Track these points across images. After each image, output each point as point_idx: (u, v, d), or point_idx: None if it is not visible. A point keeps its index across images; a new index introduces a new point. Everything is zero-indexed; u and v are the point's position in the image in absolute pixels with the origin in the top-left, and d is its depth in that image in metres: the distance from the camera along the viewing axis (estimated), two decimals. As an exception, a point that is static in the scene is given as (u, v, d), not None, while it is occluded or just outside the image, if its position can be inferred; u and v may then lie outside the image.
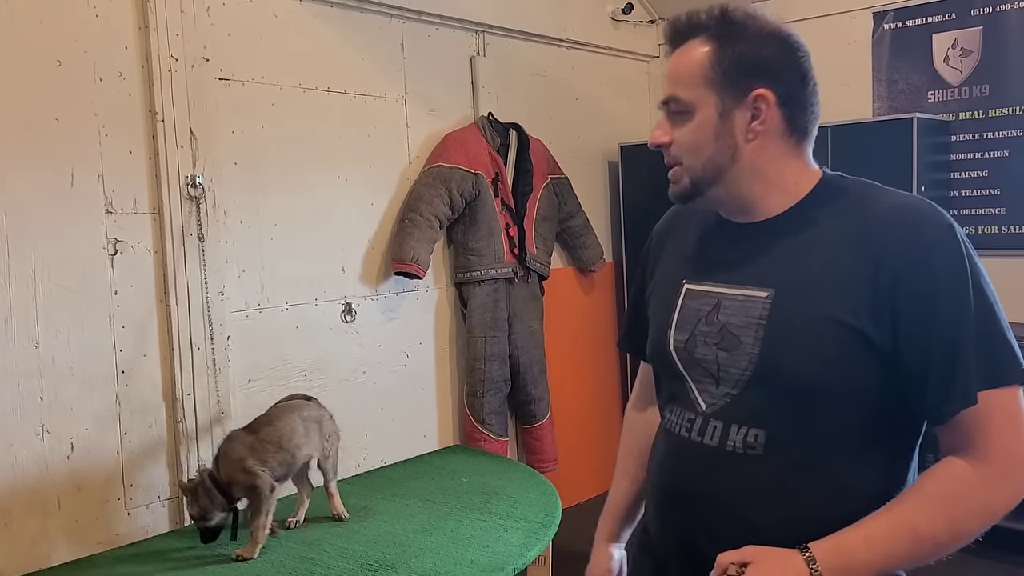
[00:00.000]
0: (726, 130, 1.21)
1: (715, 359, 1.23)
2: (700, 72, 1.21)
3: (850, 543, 1.10)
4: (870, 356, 1.13)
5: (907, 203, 1.18)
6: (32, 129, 2.45)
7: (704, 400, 1.25)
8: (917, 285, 1.11)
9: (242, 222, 2.94)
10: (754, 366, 1.19)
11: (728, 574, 1.10)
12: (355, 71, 3.31)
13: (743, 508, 1.19)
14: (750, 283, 1.23)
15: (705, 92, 1.21)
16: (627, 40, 4.59)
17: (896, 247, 1.13)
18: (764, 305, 1.20)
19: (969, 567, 3.18)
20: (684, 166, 1.25)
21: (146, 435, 2.70)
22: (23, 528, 2.43)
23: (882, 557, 1.10)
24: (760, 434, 1.18)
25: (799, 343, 1.16)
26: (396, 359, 3.48)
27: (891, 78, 4.07)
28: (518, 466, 3.28)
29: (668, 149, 1.26)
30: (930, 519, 1.10)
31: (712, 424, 1.23)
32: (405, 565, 2.26)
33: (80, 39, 2.54)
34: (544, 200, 3.90)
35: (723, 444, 1.21)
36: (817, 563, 1.08)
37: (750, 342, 1.19)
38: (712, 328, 1.24)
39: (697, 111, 1.22)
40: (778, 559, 1.10)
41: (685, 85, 1.23)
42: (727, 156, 1.22)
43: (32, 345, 2.45)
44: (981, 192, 3.89)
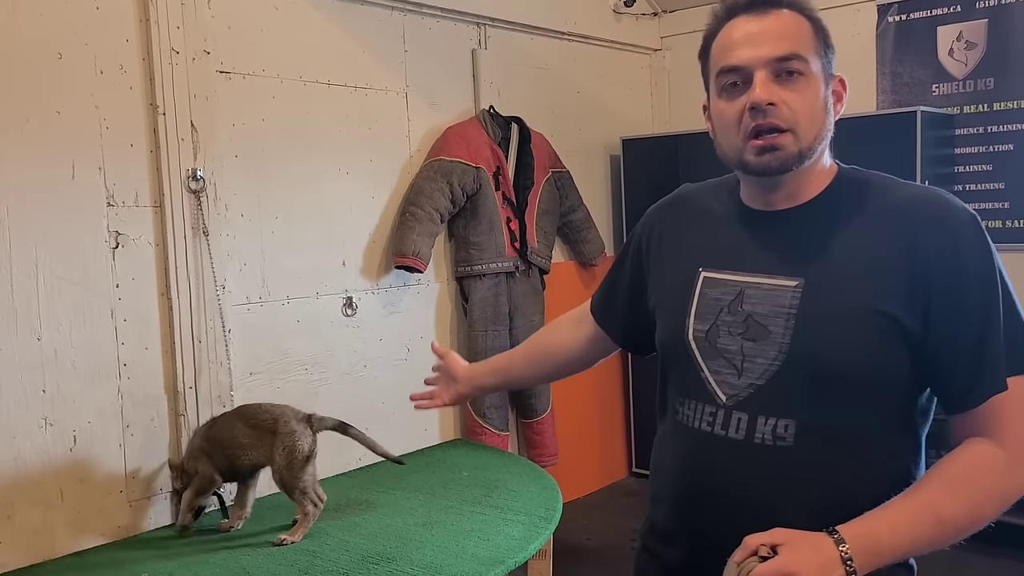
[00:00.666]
0: (828, 105, 1.22)
1: (739, 349, 1.22)
2: (811, 40, 1.20)
3: (877, 527, 1.10)
4: (902, 343, 1.14)
5: (928, 193, 1.20)
6: (33, 122, 2.45)
7: (724, 392, 1.23)
8: (948, 270, 1.13)
9: (243, 215, 2.94)
10: (785, 355, 1.18)
11: (759, 555, 1.09)
12: (356, 64, 3.31)
13: (773, 500, 1.18)
14: (777, 272, 1.22)
15: (817, 62, 1.20)
16: (629, 33, 4.58)
17: (927, 234, 1.14)
18: (794, 294, 1.19)
19: (967, 562, 3.19)
20: (796, 133, 1.18)
21: (148, 428, 2.70)
22: (26, 520, 2.43)
23: (907, 540, 1.11)
24: (791, 424, 1.18)
25: (833, 332, 1.16)
26: (397, 353, 3.48)
27: (895, 71, 4.05)
28: (519, 460, 3.28)
29: (778, 110, 1.17)
30: (954, 503, 1.11)
31: (736, 416, 1.22)
32: (406, 558, 2.26)
33: (81, 32, 2.53)
34: (545, 194, 3.90)
35: (750, 437, 1.20)
36: (847, 545, 1.08)
37: (780, 331, 1.19)
38: (736, 318, 1.23)
39: (814, 77, 1.19)
40: (809, 542, 1.10)
41: (807, 47, 1.19)
42: (826, 132, 1.22)
43: (34, 338, 2.45)
44: (985, 186, 3.88)
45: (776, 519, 1.14)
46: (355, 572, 2.19)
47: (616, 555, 3.64)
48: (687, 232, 1.38)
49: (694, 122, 4.39)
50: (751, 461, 1.20)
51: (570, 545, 3.67)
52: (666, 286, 1.37)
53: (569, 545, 3.66)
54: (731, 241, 1.30)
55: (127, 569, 2.31)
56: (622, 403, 4.64)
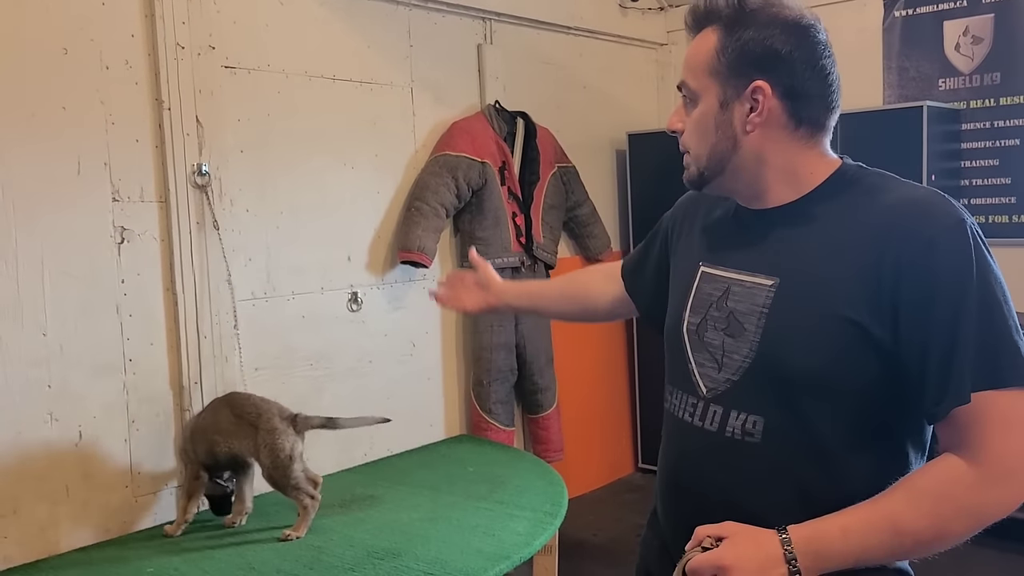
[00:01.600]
0: (726, 121, 1.22)
1: (720, 344, 1.24)
2: (706, 62, 1.22)
3: (828, 530, 1.09)
4: (870, 351, 1.12)
5: (917, 196, 1.16)
6: (39, 117, 2.45)
7: (705, 384, 1.26)
8: (918, 280, 1.09)
9: (248, 210, 2.94)
10: (754, 354, 1.19)
11: (703, 546, 1.11)
12: (361, 59, 3.30)
13: (740, 495, 1.20)
14: (758, 270, 1.23)
15: (709, 82, 1.22)
16: (635, 27, 4.57)
17: (900, 241, 1.11)
18: (768, 293, 1.20)
19: (973, 557, 3.17)
20: (691, 154, 1.27)
21: (153, 423, 2.70)
22: (32, 515, 2.44)
23: (859, 548, 1.09)
24: (759, 421, 1.19)
25: (798, 334, 1.16)
26: (403, 348, 3.48)
27: (901, 66, 4.04)
28: (524, 455, 3.28)
29: (680, 135, 1.28)
30: (915, 515, 1.08)
31: (712, 409, 1.24)
32: (411, 553, 2.26)
33: (86, 27, 2.53)
34: (551, 189, 3.89)
35: (722, 429, 1.22)
36: (792, 545, 1.08)
37: (752, 329, 1.20)
38: (721, 313, 1.25)
39: (701, 100, 1.24)
40: (753, 537, 1.10)
41: (693, 73, 1.24)
42: (727, 146, 1.23)
43: (40, 333, 2.45)
44: (992, 181, 3.86)
45: (741, 513, 1.14)
46: (360, 567, 2.19)
47: (622, 551, 3.64)
48: (699, 226, 1.40)
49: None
50: (721, 453, 1.22)
51: (576, 541, 3.67)
52: (676, 278, 1.41)
53: (575, 541, 3.65)
54: (726, 237, 1.32)
55: (133, 565, 2.31)
56: (628, 399, 4.64)
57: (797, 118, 1.21)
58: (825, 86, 1.22)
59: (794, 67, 1.19)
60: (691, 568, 1.10)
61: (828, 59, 1.22)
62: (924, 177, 3.52)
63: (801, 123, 1.21)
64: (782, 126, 1.21)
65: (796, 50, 1.19)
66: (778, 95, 1.19)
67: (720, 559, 1.08)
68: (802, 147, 1.23)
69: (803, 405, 1.16)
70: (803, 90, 1.20)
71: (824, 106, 1.23)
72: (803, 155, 1.23)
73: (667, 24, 4.73)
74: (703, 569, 1.09)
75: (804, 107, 1.21)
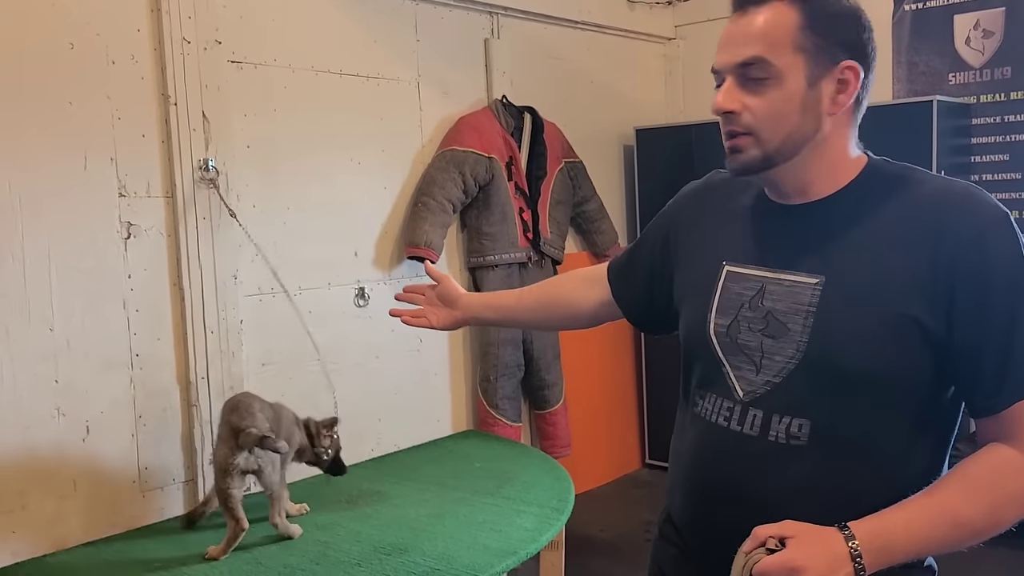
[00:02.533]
0: (813, 100, 1.16)
1: (759, 346, 1.20)
2: (788, 36, 1.15)
3: (891, 525, 1.08)
4: (924, 344, 1.12)
5: (956, 188, 1.16)
6: (45, 112, 2.45)
7: (742, 388, 1.22)
8: (973, 270, 1.09)
9: (255, 206, 2.94)
10: (802, 354, 1.16)
11: (767, 547, 1.08)
12: (368, 54, 3.29)
13: (785, 500, 1.16)
14: (798, 268, 1.20)
15: (795, 59, 1.15)
16: (643, 22, 4.55)
17: (953, 232, 1.10)
18: (814, 292, 1.17)
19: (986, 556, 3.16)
20: (758, 137, 1.17)
21: (160, 418, 2.71)
22: (39, 510, 2.44)
23: (922, 541, 1.09)
24: (805, 424, 1.16)
25: (851, 332, 1.13)
26: (409, 344, 3.47)
27: (911, 60, 4.01)
28: (531, 451, 3.28)
29: (738, 117, 1.18)
30: (972, 505, 1.09)
31: (752, 413, 1.20)
32: (418, 549, 2.26)
33: (92, 22, 2.53)
34: (558, 184, 3.88)
35: (764, 434, 1.19)
36: (856, 542, 1.07)
37: (798, 329, 1.17)
38: (756, 313, 1.22)
39: (786, 78, 1.15)
40: (819, 536, 1.08)
41: (774, 49, 1.15)
42: (811, 128, 1.17)
43: (47, 328, 2.45)
44: (1002, 176, 3.84)
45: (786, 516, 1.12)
46: (367, 562, 2.19)
47: (629, 547, 3.64)
48: (714, 223, 1.35)
49: (708, 112, 4.33)
50: (764, 458, 1.19)
51: (583, 536, 3.66)
52: (691, 278, 1.36)
53: (582, 536, 3.65)
54: (755, 235, 1.27)
55: (139, 559, 2.31)
56: (636, 394, 4.63)
57: (859, 105, 1.20)
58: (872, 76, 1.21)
59: (869, 51, 1.18)
60: (761, 570, 1.07)
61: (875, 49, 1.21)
62: (934, 172, 3.49)
63: (858, 110, 1.21)
64: (851, 112, 1.20)
65: (866, 35, 1.18)
66: (861, 78, 1.17)
67: (792, 560, 1.05)
68: (850, 136, 1.22)
69: (852, 404, 1.14)
70: (870, 76, 1.19)
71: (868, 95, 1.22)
72: (848, 144, 1.22)
73: (675, 18, 4.71)
74: (775, 571, 1.06)
75: (865, 95, 1.20)
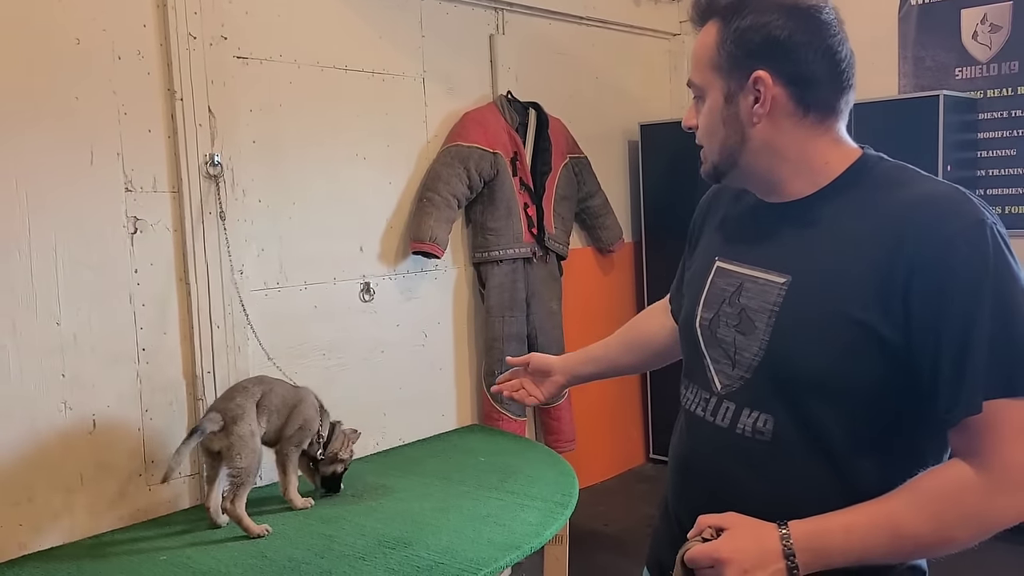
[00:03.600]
0: (732, 114, 1.20)
1: (733, 341, 1.23)
2: (708, 56, 1.21)
3: (829, 528, 1.08)
4: (879, 353, 1.09)
5: (937, 193, 1.12)
6: (52, 108, 2.45)
7: (720, 380, 1.25)
8: (931, 281, 1.06)
9: (260, 201, 2.94)
10: (763, 352, 1.18)
11: (703, 536, 1.11)
12: (373, 49, 3.30)
13: (749, 492, 1.19)
14: (770, 267, 1.21)
15: (712, 76, 1.21)
16: (648, 18, 4.55)
17: (915, 239, 1.07)
18: (780, 291, 1.18)
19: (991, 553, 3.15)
20: (705, 150, 1.27)
21: (167, 412, 2.72)
22: (46, 503, 2.46)
23: (859, 548, 1.08)
24: (769, 420, 1.18)
25: (807, 334, 1.14)
26: (414, 338, 3.48)
27: (917, 55, 4.00)
28: (536, 446, 3.28)
29: (695, 132, 1.28)
30: (917, 518, 1.07)
31: (725, 405, 1.23)
32: (422, 542, 2.27)
33: (98, 17, 2.54)
34: (563, 180, 3.88)
35: (733, 426, 1.21)
36: (792, 541, 1.07)
37: (763, 328, 1.18)
38: (733, 309, 1.24)
39: (707, 95, 1.23)
40: (752, 530, 1.10)
41: (698, 69, 1.24)
42: (736, 140, 1.21)
43: (54, 322, 2.47)
44: (1009, 171, 3.83)
45: (750, 510, 1.13)
46: (371, 556, 2.20)
47: (633, 541, 3.64)
48: (718, 218, 1.39)
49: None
50: (732, 450, 1.21)
51: (587, 531, 3.67)
52: (693, 271, 1.39)
53: (586, 531, 3.66)
54: (742, 232, 1.31)
55: (146, 552, 2.33)
56: (640, 389, 4.63)
57: (804, 105, 1.18)
58: (833, 66, 1.18)
59: (796, 52, 1.16)
60: (689, 558, 1.10)
61: (834, 38, 1.17)
62: (940, 168, 3.49)
63: (809, 109, 1.18)
64: (789, 114, 1.18)
65: (796, 34, 1.15)
66: (781, 83, 1.16)
67: (717, 551, 1.08)
68: (813, 134, 1.20)
69: (810, 406, 1.14)
70: (809, 74, 1.16)
71: (835, 88, 1.19)
72: (815, 143, 1.20)
73: (680, 14, 4.70)
74: (700, 559, 1.09)
75: (811, 92, 1.18)
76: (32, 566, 2.28)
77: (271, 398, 2.52)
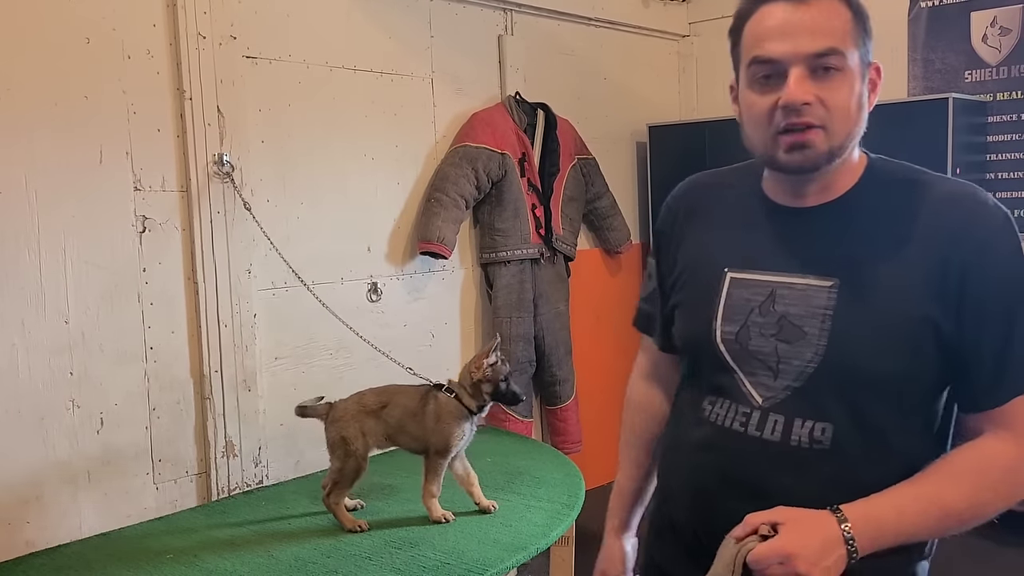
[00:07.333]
0: (863, 98, 1.17)
1: (774, 351, 1.19)
2: (850, 30, 1.14)
3: (882, 510, 1.10)
4: (936, 345, 1.13)
5: (966, 190, 1.17)
6: (62, 106, 2.46)
7: (759, 393, 1.20)
8: (982, 271, 1.11)
9: (269, 200, 2.95)
10: (820, 358, 1.15)
11: (760, 534, 1.08)
12: (382, 50, 3.30)
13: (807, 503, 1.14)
14: (810, 271, 1.18)
15: (854, 54, 1.14)
16: (657, 19, 4.54)
17: (964, 235, 1.12)
18: (830, 295, 1.16)
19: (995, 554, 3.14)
20: (829, 131, 1.13)
21: (174, 411, 2.73)
22: (54, 500, 2.47)
23: (910, 527, 1.11)
24: (828, 428, 1.15)
25: (870, 334, 1.14)
26: (422, 339, 3.48)
27: (927, 57, 3.99)
28: (542, 447, 3.28)
29: (811, 108, 1.12)
30: (958, 494, 1.11)
31: (772, 418, 1.18)
32: (428, 543, 2.27)
33: (108, 17, 2.55)
34: (571, 181, 3.88)
35: (786, 439, 1.17)
36: (849, 524, 1.08)
37: (815, 333, 1.16)
38: (768, 319, 1.20)
39: (851, 71, 1.14)
40: (811, 520, 1.09)
41: (844, 40, 1.13)
42: (860, 127, 1.18)
43: (62, 321, 2.48)
44: (1018, 175, 3.81)
45: None
46: (377, 556, 2.20)
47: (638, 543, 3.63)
48: (708, 227, 1.32)
49: (721, 109, 4.35)
50: (786, 463, 1.17)
51: (593, 532, 3.63)
52: (690, 285, 1.32)
53: (592, 532, 3.62)
54: (759, 239, 1.25)
55: (153, 551, 2.33)
56: (646, 391, 4.62)
57: None
58: None
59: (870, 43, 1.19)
60: (755, 558, 1.06)
61: None
62: (949, 170, 3.47)
63: None
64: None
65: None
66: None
67: (784, 547, 1.06)
68: None
69: (871, 405, 1.15)
70: None
71: None
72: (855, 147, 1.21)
73: (689, 15, 4.69)
74: (768, 557, 1.06)
75: None
76: (39, 563, 2.28)
77: (392, 411, 2.41)
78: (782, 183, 1.24)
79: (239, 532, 2.40)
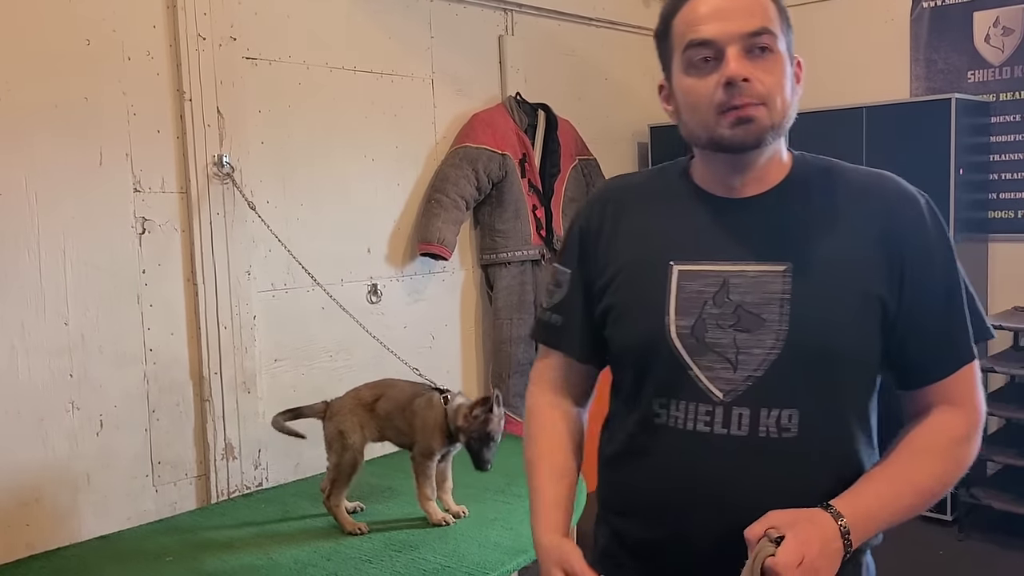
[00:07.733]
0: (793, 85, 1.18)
1: (732, 342, 1.16)
2: (776, 18, 1.17)
3: (866, 500, 1.13)
4: (882, 323, 1.17)
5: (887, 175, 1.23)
6: (62, 108, 2.46)
7: (718, 388, 1.17)
8: (919, 249, 1.17)
9: (268, 202, 2.94)
10: (783, 343, 1.15)
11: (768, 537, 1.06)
12: (382, 50, 3.30)
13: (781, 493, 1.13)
14: (762, 258, 1.18)
15: (781, 39, 1.17)
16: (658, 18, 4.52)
17: (898, 214, 1.18)
18: (784, 279, 1.16)
19: (1000, 558, 3.13)
20: (770, 107, 1.15)
21: (173, 413, 2.72)
22: (53, 503, 2.46)
23: (889, 513, 1.13)
24: (794, 414, 1.15)
25: (831, 315, 1.15)
26: (422, 341, 3.47)
27: (929, 57, 3.98)
28: (543, 448, 3.26)
29: (751, 86, 1.13)
30: (925, 471, 1.16)
31: (737, 412, 1.16)
32: (429, 546, 2.26)
33: (109, 18, 2.54)
34: (572, 182, 3.87)
35: (754, 431, 1.15)
36: (844, 519, 1.09)
37: (775, 319, 1.15)
38: (724, 309, 1.18)
39: (781, 56, 1.16)
40: (811, 520, 1.08)
41: (772, 23, 1.16)
42: (794, 112, 1.19)
43: (62, 323, 2.47)
44: (1021, 175, 3.80)
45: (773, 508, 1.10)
46: (377, 559, 2.19)
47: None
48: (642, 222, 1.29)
49: (723, 109, 4.33)
50: (757, 456, 1.15)
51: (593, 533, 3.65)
52: (630, 284, 1.26)
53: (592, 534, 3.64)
54: (701, 230, 1.22)
55: (152, 553, 2.32)
56: (647, 393, 4.61)
57: None
58: None
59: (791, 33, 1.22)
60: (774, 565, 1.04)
61: None
62: (952, 171, 3.46)
63: None
64: None
65: None
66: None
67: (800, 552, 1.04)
68: None
69: (832, 388, 1.17)
70: None
71: None
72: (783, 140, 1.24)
73: (691, 15, 4.68)
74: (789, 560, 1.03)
75: None
76: (39, 566, 2.28)
77: (383, 404, 2.41)
78: (718, 174, 1.23)
79: (239, 534, 2.39)
